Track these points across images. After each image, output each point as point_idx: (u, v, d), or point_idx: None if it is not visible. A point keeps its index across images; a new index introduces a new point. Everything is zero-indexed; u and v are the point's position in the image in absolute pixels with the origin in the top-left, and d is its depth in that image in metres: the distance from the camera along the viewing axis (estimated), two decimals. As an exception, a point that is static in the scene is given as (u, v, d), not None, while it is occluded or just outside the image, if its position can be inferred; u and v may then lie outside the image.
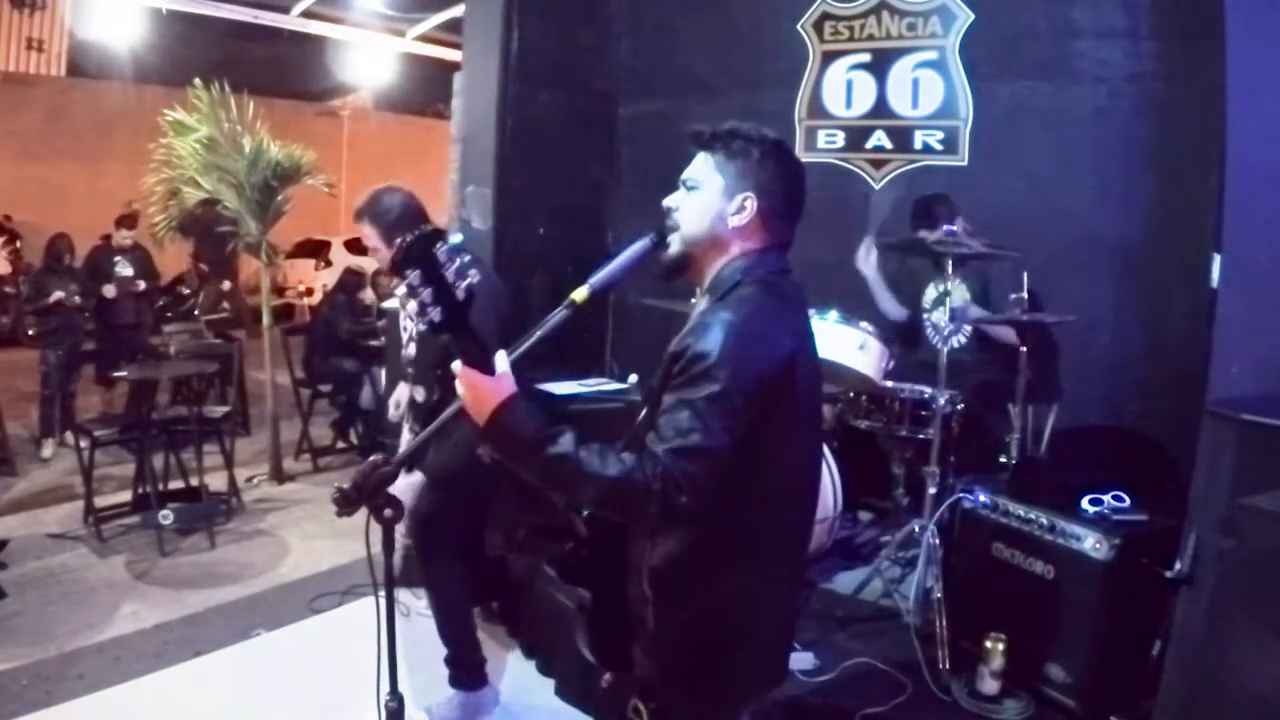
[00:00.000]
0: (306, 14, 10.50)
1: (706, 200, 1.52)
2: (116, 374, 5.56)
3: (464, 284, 1.32)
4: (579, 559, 1.56)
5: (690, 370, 1.37)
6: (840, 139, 4.45)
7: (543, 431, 1.36)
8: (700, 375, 1.35)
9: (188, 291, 9.28)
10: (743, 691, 1.56)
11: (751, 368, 1.37)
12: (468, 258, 1.40)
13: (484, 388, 1.37)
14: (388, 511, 1.47)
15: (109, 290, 6.40)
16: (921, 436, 3.31)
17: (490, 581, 3.59)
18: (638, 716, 1.53)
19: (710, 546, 1.46)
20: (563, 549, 1.56)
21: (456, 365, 1.38)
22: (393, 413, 3.09)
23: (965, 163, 4.10)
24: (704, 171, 1.54)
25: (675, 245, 1.54)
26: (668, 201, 1.56)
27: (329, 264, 13.06)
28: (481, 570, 3.22)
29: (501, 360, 1.40)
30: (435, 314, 1.31)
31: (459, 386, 1.39)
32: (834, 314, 3.24)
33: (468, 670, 2.90)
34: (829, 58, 4.45)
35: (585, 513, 1.54)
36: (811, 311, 3.04)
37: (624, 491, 1.32)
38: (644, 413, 1.50)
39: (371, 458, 1.47)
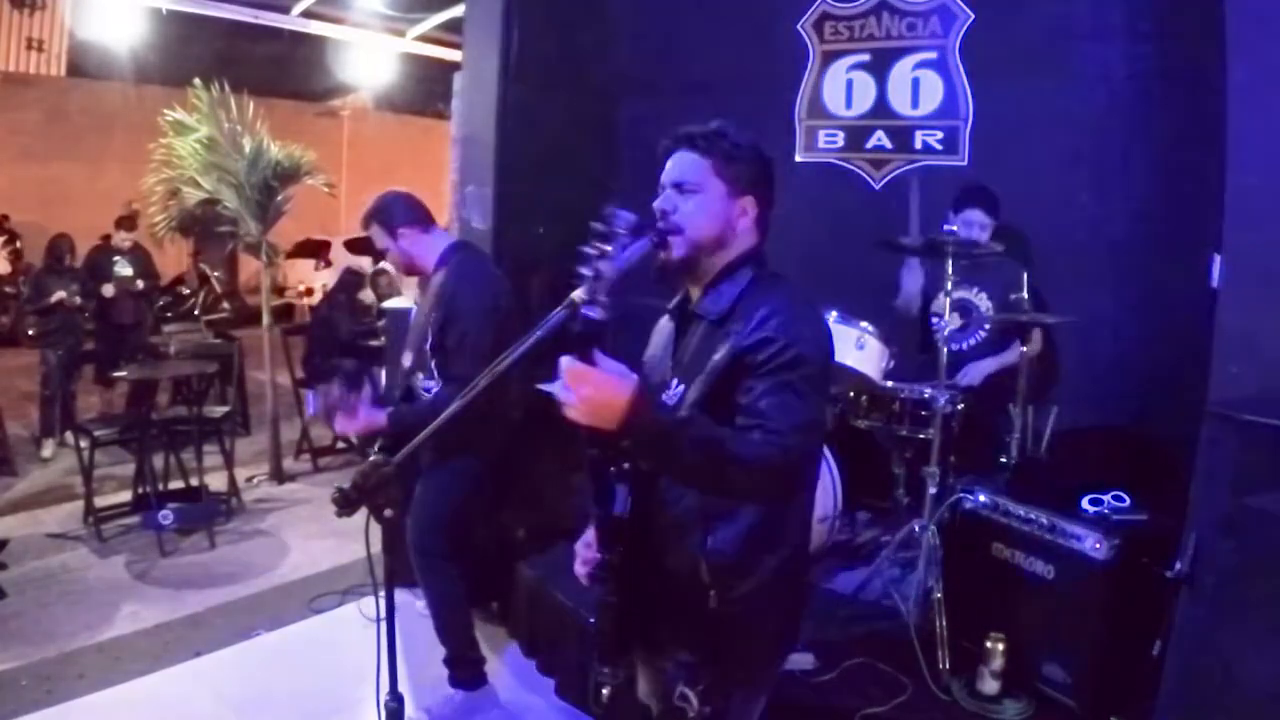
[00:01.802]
0: (306, 14, 10.50)
1: (712, 205, 1.56)
2: (116, 374, 5.56)
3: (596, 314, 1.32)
4: (613, 566, 1.51)
5: (782, 357, 1.43)
6: (840, 139, 4.45)
7: (678, 416, 1.39)
8: (793, 360, 1.43)
9: (188, 291, 9.29)
10: (783, 654, 1.69)
11: (825, 348, 1.53)
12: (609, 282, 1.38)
13: (613, 384, 1.29)
14: (388, 511, 1.47)
15: (108, 290, 6.40)
16: (921, 436, 3.30)
17: (490, 581, 3.59)
18: (685, 703, 1.55)
19: (776, 518, 1.54)
20: (600, 563, 1.52)
21: (568, 365, 1.30)
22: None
23: (965, 163, 4.09)
24: (702, 176, 1.57)
25: (681, 249, 1.56)
26: (662, 204, 1.58)
27: (329, 264, 13.06)
28: (481, 570, 3.23)
29: (604, 360, 1.33)
30: (595, 311, 1.31)
31: (564, 392, 1.30)
32: (834, 314, 3.23)
33: (467, 669, 2.90)
34: (829, 58, 4.45)
35: (619, 509, 1.49)
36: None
37: (777, 469, 1.38)
38: (695, 394, 1.49)
39: (371, 458, 1.47)
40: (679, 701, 1.55)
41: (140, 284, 6.64)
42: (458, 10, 8.22)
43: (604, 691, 1.51)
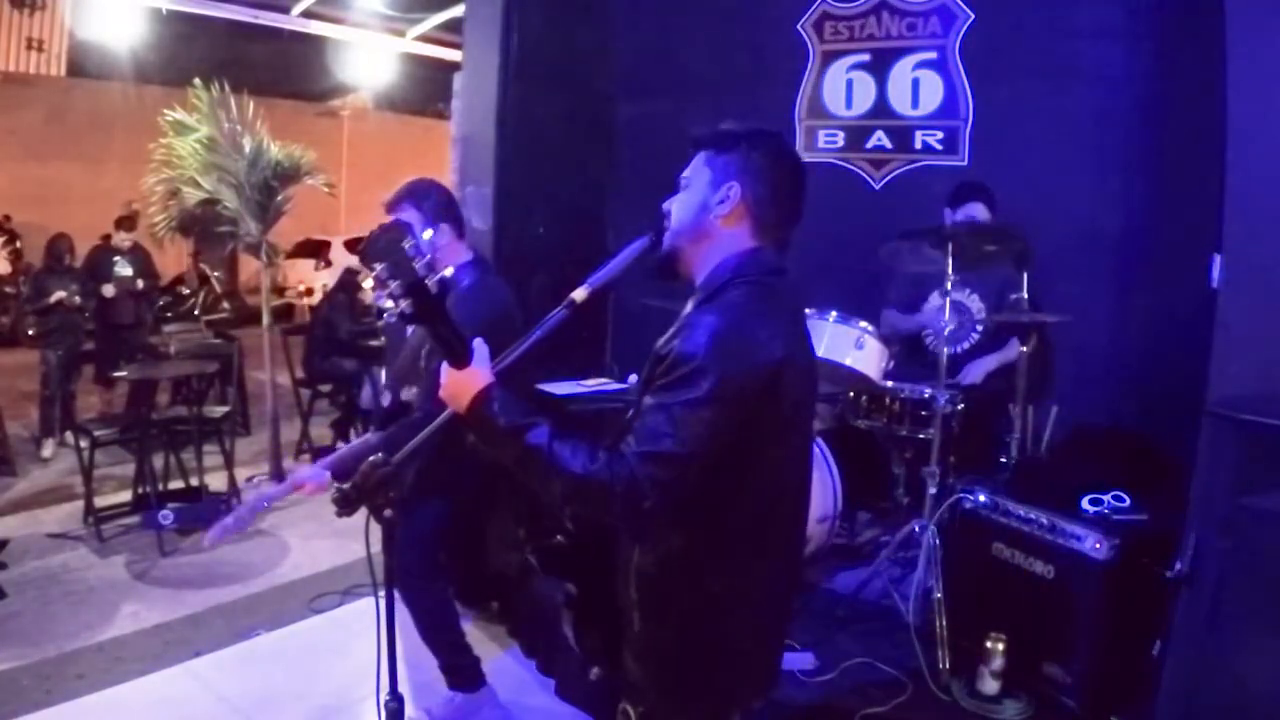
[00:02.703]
0: (306, 14, 10.51)
1: (694, 193, 1.51)
2: (116, 374, 5.57)
3: (435, 277, 1.33)
4: (562, 553, 1.56)
5: (671, 374, 1.34)
6: (840, 139, 4.45)
7: (519, 421, 1.36)
8: (680, 380, 1.33)
9: (188, 291, 9.30)
10: (732, 698, 1.53)
11: (733, 376, 1.33)
12: (439, 248, 1.42)
13: (461, 378, 1.38)
14: (388, 511, 1.47)
15: (108, 290, 6.40)
16: (921, 436, 3.30)
17: (490, 581, 3.58)
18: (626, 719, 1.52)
19: (694, 551, 1.43)
20: (547, 541, 1.56)
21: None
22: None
23: (965, 163, 4.09)
24: (695, 168, 1.54)
25: (666, 242, 1.53)
26: (667, 204, 1.56)
27: (329, 264, 13.05)
28: (479, 570, 3.22)
29: (480, 349, 1.41)
30: (405, 305, 1.32)
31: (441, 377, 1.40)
32: (834, 314, 3.23)
33: (463, 674, 2.89)
34: (829, 58, 4.45)
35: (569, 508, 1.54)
36: (812, 312, 3.08)
37: (589, 489, 1.32)
38: (630, 412, 1.48)
39: (371, 458, 1.47)
40: (620, 718, 1.53)
41: (140, 284, 6.63)
42: (458, 10, 8.22)
43: (594, 670, 1.59)
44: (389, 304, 1.35)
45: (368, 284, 1.31)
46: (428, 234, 2.63)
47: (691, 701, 1.49)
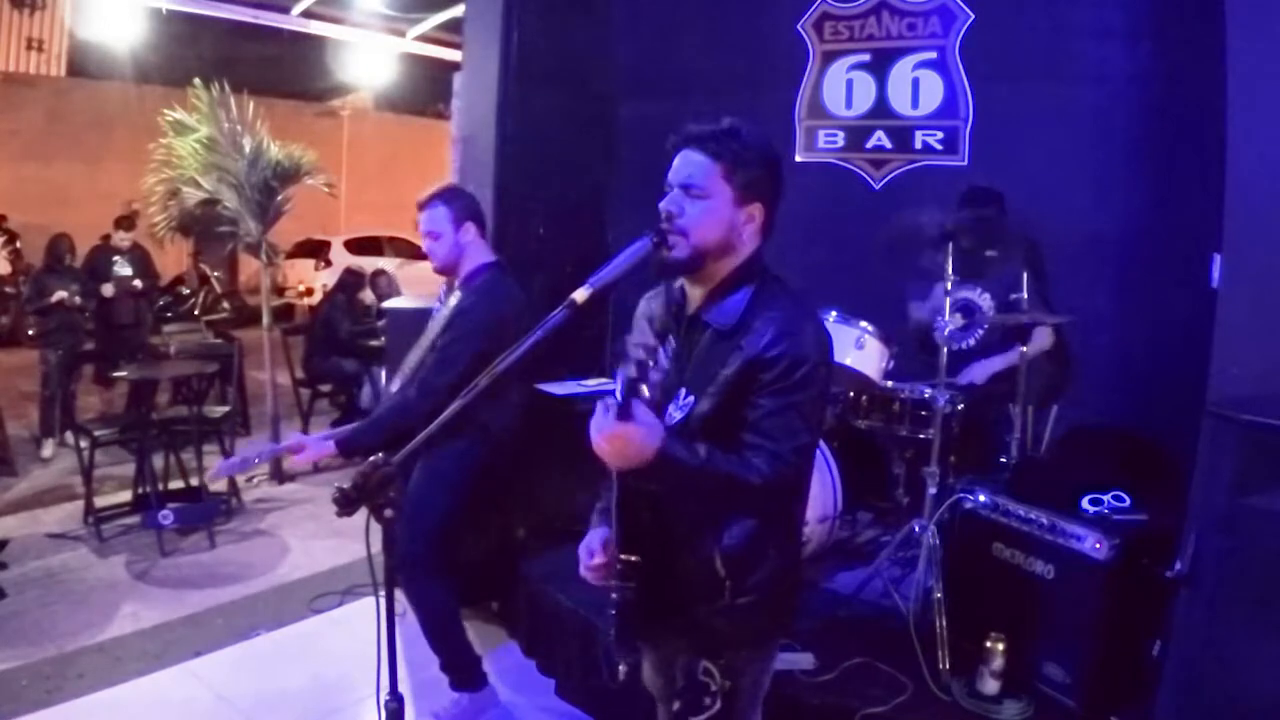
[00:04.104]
0: (306, 14, 10.53)
1: (718, 211, 1.56)
2: (116, 374, 5.56)
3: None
4: (635, 567, 1.62)
5: (792, 376, 1.51)
6: (840, 139, 4.45)
7: (697, 456, 1.47)
8: (801, 380, 1.52)
9: (188, 291, 9.30)
10: (788, 625, 1.83)
11: (830, 364, 1.60)
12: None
13: (638, 435, 1.39)
14: (388, 511, 1.47)
15: (108, 290, 6.40)
16: (921, 436, 3.30)
17: (490, 581, 3.59)
18: (710, 677, 1.69)
19: (777, 522, 1.67)
20: (624, 560, 1.61)
21: (605, 426, 1.39)
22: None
23: (965, 163, 4.09)
24: (711, 180, 1.55)
25: (683, 251, 1.56)
26: (668, 206, 1.56)
27: (329, 264, 13.05)
28: (480, 570, 3.22)
29: (640, 405, 1.41)
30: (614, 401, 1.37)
31: (597, 437, 1.41)
32: (833, 314, 3.23)
33: (466, 672, 2.90)
34: (829, 58, 4.45)
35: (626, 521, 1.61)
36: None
37: (771, 492, 1.52)
38: (706, 407, 1.56)
39: (371, 458, 1.47)
40: (703, 677, 1.69)
41: (140, 284, 6.64)
42: (458, 10, 8.23)
43: (621, 669, 1.82)
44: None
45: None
46: (444, 237, 2.79)
47: (772, 641, 1.82)
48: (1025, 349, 3.28)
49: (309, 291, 12.64)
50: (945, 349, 3.15)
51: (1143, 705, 2.33)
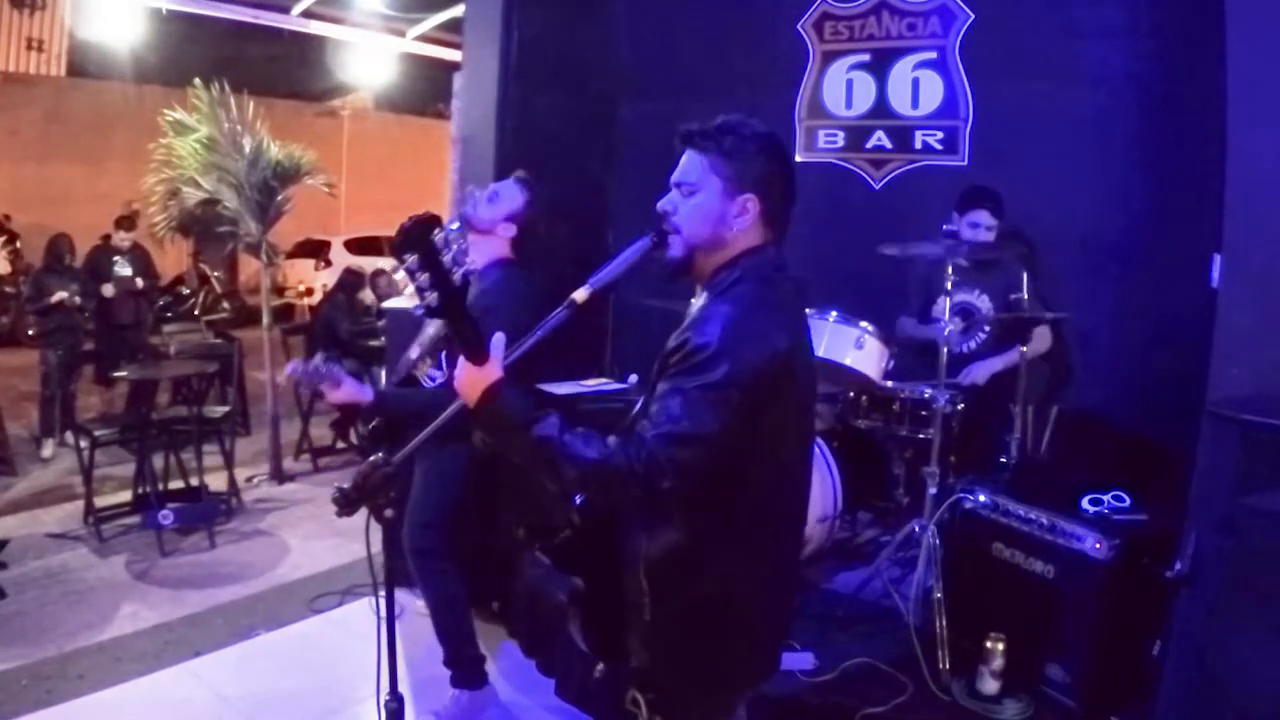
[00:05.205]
0: (306, 14, 10.52)
1: (707, 204, 1.51)
2: (116, 374, 5.56)
3: (460, 270, 1.34)
4: (572, 548, 1.58)
5: (688, 361, 1.39)
6: (840, 139, 4.45)
7: (529, 414, 1.39)
8: (697, 365, 1.38)
9: (188, 291, 9.30)
10: (736, 682, 1.59)
11: (748, 361, 1.38)
12: (465, 244, 1.44)
13: (475, 371, 1.41)
14: (388, 511, 1.48)
15: (108, 290, 6.40)
16: (921, 436, 3.30)
17: (490, 581, 3.58)
18: (636, 707, 1.56)
19: (704, 539, 1.48)
20: (556, 537, 1.58)
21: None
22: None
23: (965, 163, 4.09)
24: (700, 173, 1.52)
25: (678, 249, 1.54)
26: (663, 205, 1.56)
27: (329, 264, 13.06)
28: (480, 570, 3.22)
29: (496, 345, 1.44)
30: (432, 298, 1.34)
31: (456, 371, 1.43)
32: (834, 314, 3.23)
33: (468, 669, 2.90)
34: (829, 58, 4.45)
35: (579, 501, 1.56)
36: (812, 312, 3.08)
37: (607, 473, 1.35)
38: (639, 405, 1.52)
39: (371, 457, 1.47)
40: (629, 705, 1.57)
41: (140, 284, 6.64)
42: (458, 10, 8.23)
43: (598, 668, 1.68)
44: (413, 296, 1.36)
45: (399, 276, 1.32)
46: (455, 224, 2.75)
47: (697, 687, 1.54)
48: (1025, 349, 3.28)
49: (309, 291, 12.64)
50: (944, 351, 3.15)
51: (1143, 705, 2.33)
